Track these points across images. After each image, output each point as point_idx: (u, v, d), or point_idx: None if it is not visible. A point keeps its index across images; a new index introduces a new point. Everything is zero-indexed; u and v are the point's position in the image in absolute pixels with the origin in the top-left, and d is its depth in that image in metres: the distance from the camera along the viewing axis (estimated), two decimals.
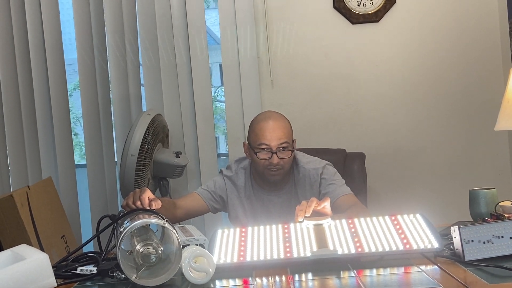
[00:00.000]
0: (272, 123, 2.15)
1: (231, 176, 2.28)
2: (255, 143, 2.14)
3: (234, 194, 2.26)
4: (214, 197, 2.27)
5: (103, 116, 3.06)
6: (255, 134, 2.15)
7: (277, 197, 2.24)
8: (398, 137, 3.12)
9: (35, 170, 3.06)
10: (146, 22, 3.03)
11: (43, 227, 2.35)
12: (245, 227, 1.79)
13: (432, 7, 3.10)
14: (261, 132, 2.13)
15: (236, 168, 2.29)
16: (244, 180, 2.26)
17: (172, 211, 2.11)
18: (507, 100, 2.20)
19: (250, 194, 2.26)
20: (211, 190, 2.27)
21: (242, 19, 3.02)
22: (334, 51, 3.10)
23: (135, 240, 1.52)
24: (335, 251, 1.60)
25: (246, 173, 2.27)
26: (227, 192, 2.26)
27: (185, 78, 3.04)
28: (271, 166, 2.13)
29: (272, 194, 2.24)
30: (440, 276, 1.42)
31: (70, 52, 3.27)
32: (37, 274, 1.39)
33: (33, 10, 3.02)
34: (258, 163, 2.15)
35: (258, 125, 2.16)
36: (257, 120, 2.19)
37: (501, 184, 2.89)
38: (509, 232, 1.53)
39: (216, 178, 2.30)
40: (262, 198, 2.25)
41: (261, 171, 2.16)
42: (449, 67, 3.11)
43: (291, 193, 2.24)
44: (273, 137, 2.12)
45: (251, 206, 2.26)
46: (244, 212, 2.27)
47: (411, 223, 1.74)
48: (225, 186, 2.26)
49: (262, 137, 2.12)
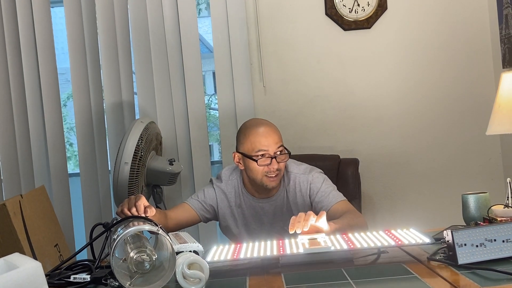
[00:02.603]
0: (265, 129, 2.14)
1: (221, 185, 2.26)
2: (252, 151, 2.11)
3: (224, 203, 2.25)
4: (205, 207, 2.25)
5: (96, 125, 3.06)
6: (250, 142, 2.12)
7: (269, 204, 2.23)
8: (391, 142, 3.14)
9: (28, 179, 3.05)
10: (138, 31, 3.03)
11: (36, 236, 2.34)
12: (240, 243, 1.80)
13: (423, 13, 3.12)
14: (256, 138, 2.11)
15: (226, 178, 2.27)
16: (235, 189, 2.25)
17: (164, 222, 2.08)
18: (498, 105, 2.21)
19: (240, 202, 2.24)
20: (202, 200, 2.25)
21: (234, 26, 3.03)
22: (327, 58, 3.12)
23: (129, 247, 1.52)
24: (328, 247, 1.63)
25: (236, 182, 2.26)
26: (217, 201, 2.25)
27: (178, 86, 3.05)
28: (270, 172, 2.11)
29: (263, 202, 2.23)
30: (434, 280, 1.42)
31: (63, 61, 3.27)
32: (30, 282, 1.39)
33: (26, 20, 3.02)
34: (257, 171, 2.12)
35: (251, 132, 2.14)
36: (248, 128, 2.17)
37: (493, 188, 2.90)
38: (502, 236, 1.54)
39: (206, 188, 2.28)
40: (254, 206, 2.23)
41: (259, 179, 2.13)
42: (441, 73, 3.13)
43: (283, 200, 2.23)
44: (270, 142, 2.11)
45: (242, 215, 2.24)
46: (234, 222, 2.25)
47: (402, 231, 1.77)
48: (215, 195, 2.25)
49: (259, 144, 2.10)
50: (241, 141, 2.17)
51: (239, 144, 2.18)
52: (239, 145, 2.18)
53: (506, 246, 1.53)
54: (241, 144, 2.17)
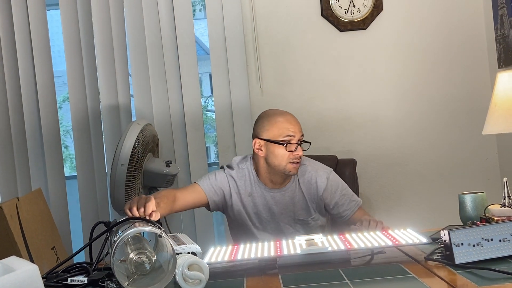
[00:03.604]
0: (292, 117, 2.21)
1: (232, 173, 2.28)
2: (280, 136, 2.15)
3: (235, 190, 2.27)
4: (215, 190, 2.26)
5: (93, 127, 3.05)
6: (277, 127, 2.16)
7: (280, 195, 2.26)
8: (388, 143, 3.14)
9: (24, 182, 3.04)
10: (134, 33, 3.03)
11: (33, 239, 2.33)
12: (238, 245, 1.81)
13: (419, 14, 3.13)
14: (284, 124, 2.16)
15: (237, 166, 2.30)
16: (245, 178, 2.28)
17: (171, 205, 2.11)
18: (494, 104, 2.22)
19: (252, 191, 2.27)
20: (213, 183, 2.26)
21: (230, 28, 3.03)
22: (323, 59, 3.12)
23: (129, 248, 1.52)
24: (325, 247, 1.64)
25: (247, 171, 2.28)
26: (230, 187, 2.27)
27: (174, 88, 3.05)
28: (295, 158, 2.16)
29: (275, 192, 2.26)
30: (431, 280, 1.42)
31: (60, 64, 3.27)
32: (27, 285, 1.38)
33: (21, 23, 3.01)
34: (282, 156, 2.16)
35: (278, 118, 2.19)
36: (275, 115, 2.21)
37: (490, 188, 2.91)
38: (498, 235, 1.54)
39: (217, 173, 2.30)
40: (265, 196, 2.26)
41: (283, 165, 2.17)
42: (437, 73, 3.14)
43: (294, 191, 2.27)
44: (297, 129, 2.18)
45: (252, 203, 2.27)
46: (244, 209, 2.27)
47: (400, 232, 1.77)
48: (228, 181, 2.27)
49: (287, 130, 2.15)
50: (265, 127, 2.20)
51: (263, 130, 2.20)
52: (263, 131, 2.20)
53: (503, 245, 1.53)
54: (266, 131, 2.19)
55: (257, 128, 2.24)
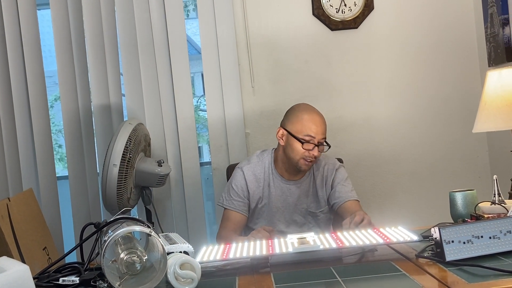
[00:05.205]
0: (318, 118, 2.30)
1: (250, 167, 2.38)
2: (301, 132, 2.26)
3: (253, 184, 2.36)
4: (243, 200, 2.35)
5: (84, 127, 3.04)
6: (301, 124, 2.26)
7: (296, 187, 2.37)
8: (379, 141, 3.15)
9: (15, 182, 3.03)
10: (126, 32, 3.02)
11: (25, 239, 2.32)
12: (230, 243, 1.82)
13: (409, 13, 3.14)
14: (308, 123, 2.26)
15: (258, 158, 2.41)
16: (264, 169, 2.38)
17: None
18: (484, 102, 2.23)
19: (269, 181, 2.37)
20: (234, 195, 2.35)
21: (222, 27, 3.03)
22: (314, 58, 3.13)
23: (119, 248, 1.51)
24: (317, 245, 1.64)
25: (267, 162, 2.39)
26: (247, 185, 2.36)
27: (166, 87, 3.04)
28: (308, 156, 2.26)
29: (291, 183, 2.37)
30: (421, 277, 1.43)
31: (50, 64, 3.25)
32: (18, 286, 1.38)
33: (12, 22, 2.99)
34: (297, 151, 2.26)
35: (305, 116, 2.28)
36: (303, 111, 2.31)
37: (480, 185, 2.93)
38: (488, 232, 1.55)
39: (233, 179, 2.38)
40: (281, 187, 2.37)
41: (297, 160, 2.28)
42: (427, 72, 3.15)
43: (309, 185, 2.39)
44: (319, 131, 2.27)
45: (268, 193, 2.36)
46: (261, 200, 2.37)
47: (391, 229, 1.78)
48: (245, 179, 2.36)
49: (309, 129, 2.25)
50: (292, 120, 2.31)
51: (289, 122, 2.32)
52: (289, 123, 2.32)
53: (493, 242, 1.54)
54: (291, 123, 2.31)
55: (285, 117, 2.37)
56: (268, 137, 3.09)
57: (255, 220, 2.40)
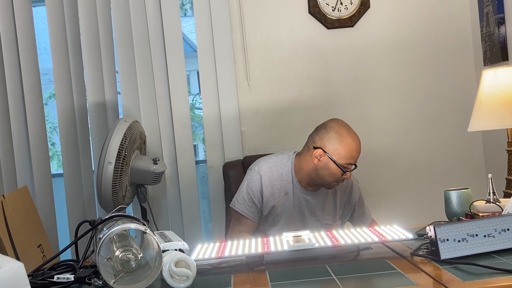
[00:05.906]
0: (359, 143, 2.26)
1: (267, 171, 2.30)
2: (345, 160, 2.20)
3: (269, 190, 2.29)
4: (256, 207, 2.30)
5: (79, 124, 3.03)
6: (346, 152, 2.20)
7: (313, 198, 2.32)
8: (375, 140, 3.15)
9: (10, 179, 3.02)
10: (121, 30, 3.02)
11: (19, 237, 2.31)
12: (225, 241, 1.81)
13: (405, 12, 3.14)
14: (353, 152, 2.21)
15: (277, 162, 2.34)
16: (282, 176, 2.31)
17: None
18: (480, 101, 2.24)
19: (288, 190, 2.30)
20: (248, 200, 2.30)
21: (218, 25, 3.02)
22: (310, 56, 3.13)
23: (115, 246, 1.51)
24: (312, 244, 1.64)
25: (287, 169, 2.32)
26: (263, 191, 2.29)
27: (162, 85, 3.04)
28: (341, 180, 2.25)
29: (309, 194, 2.32)
30: (416, 275, 1.44)
31: (46, 61, 3.24)
32: (13, 283, 1.37)
33: (7, 19, 2.98)
34: (334, 176, 2.21)
35: (350, 143, 2.22)
36: (348, 136, 2.23)
37: (475, 184, 2.93)
38: (483, 231, 1.56)
39: (251, 183, 2.31)
40: (299, 196, 2.32)
41: (330, 181, 2.24)
42: (423, 70, 3.16)
43: (326, 197, 2.35)
44: (358, 157, 2.25)
45: (285, 201, 2.30)
46: (275, 208, 2.30)
47: (386, 228, 1.79)
48: (261, 186, 2.29)
49: (352, 158, 2.22)
50: (335, 145, 2.21)
51: (331, 146, 2.21)
52: (330, 146, 2.21)
53: (487, 241, 1.55)
54: (333, 148, 2.21)
55: (326, 138, 2.24)
56: (264, 135, 3.10)
57: (268, 226, 2.33)
